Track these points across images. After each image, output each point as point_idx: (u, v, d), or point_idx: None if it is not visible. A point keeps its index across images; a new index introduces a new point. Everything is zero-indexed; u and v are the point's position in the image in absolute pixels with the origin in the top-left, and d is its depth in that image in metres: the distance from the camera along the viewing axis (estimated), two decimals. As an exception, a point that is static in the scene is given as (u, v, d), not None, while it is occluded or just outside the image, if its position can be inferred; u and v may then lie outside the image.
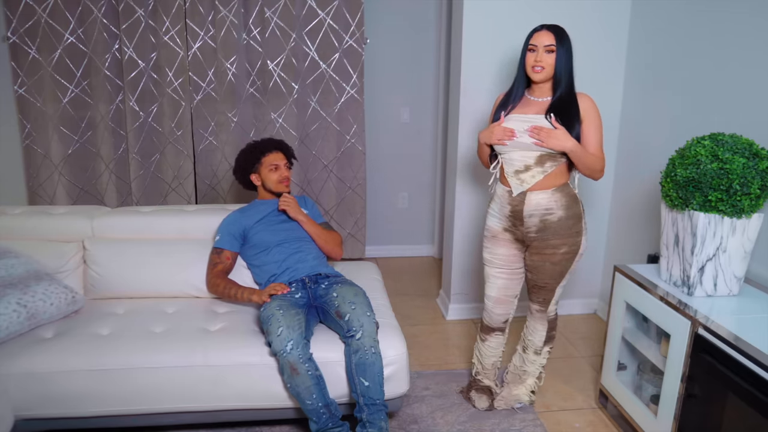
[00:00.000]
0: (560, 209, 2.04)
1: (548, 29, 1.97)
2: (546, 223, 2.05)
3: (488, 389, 2.42)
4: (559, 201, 2.04)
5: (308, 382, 1.98)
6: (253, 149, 2.49)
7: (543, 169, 2.03)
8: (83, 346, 2.04)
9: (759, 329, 1.69)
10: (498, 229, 2.18)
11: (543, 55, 1.96)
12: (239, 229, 2.42)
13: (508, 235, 2.17)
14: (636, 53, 2.89)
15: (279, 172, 2.46)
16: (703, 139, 1.89)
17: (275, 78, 3.47)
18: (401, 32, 3.87)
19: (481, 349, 2.40)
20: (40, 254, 2.37)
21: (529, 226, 2.07)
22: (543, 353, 2.32)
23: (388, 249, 4.30)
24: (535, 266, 2.14)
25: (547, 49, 1.96)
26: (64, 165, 3.50)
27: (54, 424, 2.06)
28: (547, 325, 2.27)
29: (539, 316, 2.26)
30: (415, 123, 4.07)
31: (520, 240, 2.15)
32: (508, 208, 2.11)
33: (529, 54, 2.00)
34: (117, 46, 3.37)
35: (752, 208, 1.81)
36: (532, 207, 2.05)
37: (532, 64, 1.99)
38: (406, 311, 3.36)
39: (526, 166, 2.03)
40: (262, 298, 2.20)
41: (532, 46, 1.99)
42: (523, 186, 2.05)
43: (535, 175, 2.03)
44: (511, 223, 2.12)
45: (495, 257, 2.22)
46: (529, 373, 2.35)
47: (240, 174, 2.53)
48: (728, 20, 2.23)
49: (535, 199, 2.04)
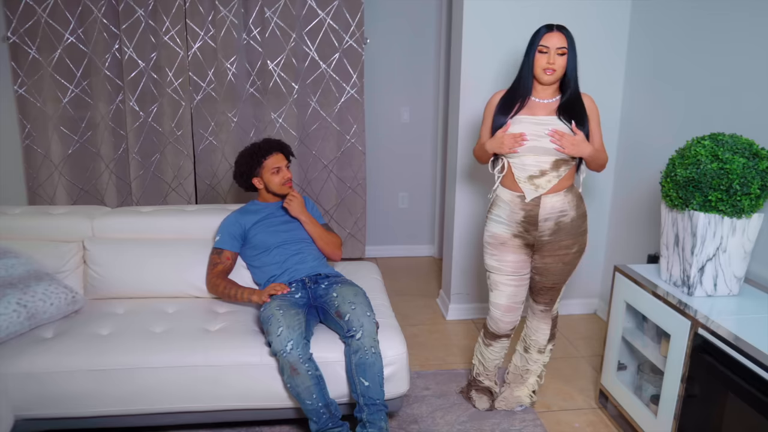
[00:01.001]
0: (572, 210, 2.05)
1: (559, 30, 1.94)
2: (560, 225, 2.04)
3: (488, 390, 2.42)
4: (572, 202, 2.05)
5: (308, 382, 1.98)
6: (253, 154, 2.43)
7: (558, 174, 2.01)
8: (83, 346, 2.04)
9: (759, 329, 1.69)
10: (506, 236, 2.11)
11: (555, 57, 1.94)
12: (239, 230, 2.42)
13: (517, 241, 2.11)
14: (636, 53, 2.89)
15: (281, 174, 2.45)
16: (703, 139, 1.89)
17: (275, 78, 3.47)
18: (401, 32, 3.87)
19: (484, 353, 2.35)
20: (40, 254, 2.37)
21: (544, 230, 2.05)
22: (547, 351, 2.32)
23: (388, 249, 4.30)
24: (547, 268, 2.12)
25: (559, 52, 1.93)
26: (64, 165, 3.50)
27: (54, 424, 2.06)
28: (551, 323, 2.27)
29: (543, 315, 2.25)
30: (415, 123, 4.07)
31: (529, 245, 2.11)
32: (520, 214, 2.05)
33: (539, 56, 1.95)
34: (117, 46, 3.37)
35: (752, 208, 1.81)
36: (548, 210, 2.02)
37: (543, 66, 1.95)
38: (406, 311, 3.36)
39: (542, 171, 2.00)
40: (262, 298, 2.20)
41: (544, 47, 1.94)
42: (538, 191, 2.02)
43: (551, 179, 2.01)
44: (523, 229, 2.07)
45: (504, 264, 2.14)
46: (532, 372, 2.35)
47: (242, 179, 2.49)
48: (728, 20, 2.23)
49: (550, 202, 2.02)
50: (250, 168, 2.44)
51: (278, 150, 2.46)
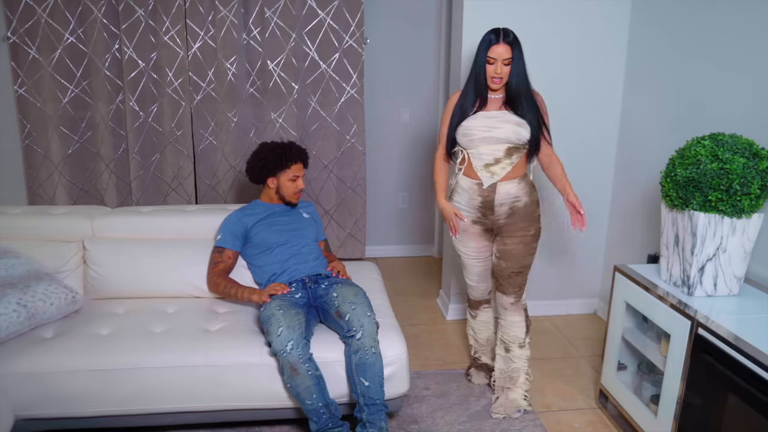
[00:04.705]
0: (525, 196, 2.22)
1: (505, 42, 2.09)
2: (514, 209, 2.21)
3: (486, 366, 2.54)
4: (524, 189, 2.22)
5: (308, 382, 1.98)
6: (282, 155, 2.42)
7: (511, 161, 2.19)
8: (83, 346, 2.04)
9: (759, 329, 1.69)
10: (466, 222, 2.28)
11: (501, 68, 2.11)
12: (241, 229, 2.42)
13: (477, 228, 2.28)
14: (636, 53, 2.89)
15: (297, 183, 2.46)
16: (703, 139, 1.89)
17: (275, 78, 3.47)
18: (401, 32, 3.87)
19: (473, 325, 2.52)
20: (40, 254, 2.37)
21: (499, 214, 2.22)
22: (526, 345, 2.36)
23: (388, 249, 4.30)
24: (509, 251, 2.24)
25: (504, 63, 2.10)
26: (64, 165, 3.50)
27: (54, 424, 2.06)
28: (524, 314, 2.32)
29: (514, 308, 2.31)
30: (415, 123, 4.07)
31: (489, 230, 2.28)
32: (478, 200, 2.22)
33: (488, 67, 2.12)
34: (117, 46, 3.37)
35: (752, 208, 1.81)
36: (503, 196, 2.20)
37: (492, 75, 2.13)
38: (406, 311, 3.36)
39: (496, 159, 2.19)
40: (262, 297, 2.20)
41: (491, 59, 2.11)
42: (494, 178, 2.20)
43: (505, 166, 2.19)
44: (481, 214, 2.24)
45: (468, 249, 2.34)
46: (519, 369, 2.36)
47: (260, 172, 2.46)
48: (728, 20, 2.23)
49: (505, 188, 2.20)
50: (273, 166, 2.43)
51: (303, 160, 2.48)
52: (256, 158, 2.47)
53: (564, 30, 2.91)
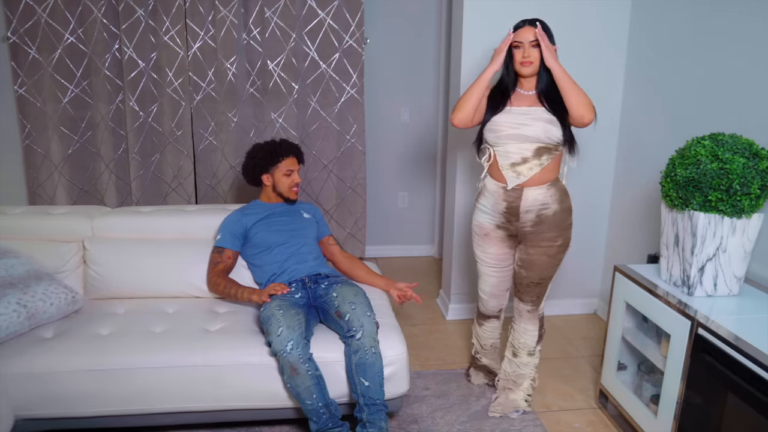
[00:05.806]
0: (555, 203, 2.10)
1: (530, 24, 2.03)
2: (542, 217, 2.09)
3: (486, 368, 2.51)
4: (554, 195, 2.10)
5: (308, 382, 1.98)
6: (272, 152, 2.44)
7: (540, 162, 2.06)
8: (83, 346, 2.04)
9: (759, 329, 1.69)
10: (490, 226, 2.19)
11: (529, 50, 2.02)
12: (241, 229, 2.42)
13: (500, 233, 2.18)
14: (636, 53, 2.89)
15: (292, 177, 2.46)
16: (703, 139, 1.89)
17: (275, 78, 3.47)
18: (401, 32, 3.87)
19: (478, 332, 2.48)
20: (40, 254, 2.37)
21: (525, 221, 2.11)
22: (536, 353, 2.32)
23: (388, 249, 4.30)
24: (531, 260, 2.15)
25: (532, 44, 2.01)
26: (64, 165, 3.50)
27: (54, 424, 2.06)
28: (538, 324, 2.28)
29: (530, 316, 2.26)
30: (415, 123, 4.07)
31: (513, 236, 2.17)
32: (503, 205, 2.12)
33: (515, 51, 2.05)
34: (117, 46, 3.37)
35: (752, 208, 1.81)
36: (529, 203, 2.08)
37: (520, 60, 2.04)
38: (406, 311, 3.36)
39: (524, 158, 2.06)
40: (261, 297, 2.20)
41: (517, 43, 2.03)
42: (519, 179, 2.08)
43: (533, 167, 2.06)
44: (505, 219, 2.14)
45: (487, 256, 2.25)
46: (525, 375, 2.35)
47: (253, 171, 2.48)
48: (728, 20, 2.23)
49: (533, 195, 2.08)
50: (265, 163, 2.45)
51: (295, 154, 2.49)
52: (249, 158, 2.50)
53: (564, 30, 2.89)
